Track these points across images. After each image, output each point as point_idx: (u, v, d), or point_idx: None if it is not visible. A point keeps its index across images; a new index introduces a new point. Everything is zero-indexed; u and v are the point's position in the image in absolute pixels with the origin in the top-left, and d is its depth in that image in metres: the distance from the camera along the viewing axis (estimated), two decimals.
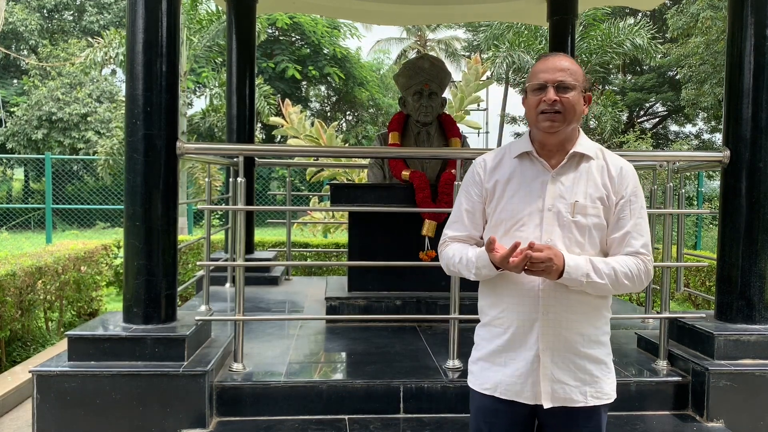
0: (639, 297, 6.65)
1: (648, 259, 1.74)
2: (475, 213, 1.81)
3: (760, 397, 2.73)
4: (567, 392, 1.70)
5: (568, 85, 1.70)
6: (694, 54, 15.45)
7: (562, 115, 1.70)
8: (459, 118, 8.72)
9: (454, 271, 1.81)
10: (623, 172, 1.75)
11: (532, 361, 1.70)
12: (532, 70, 1.76)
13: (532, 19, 6.78)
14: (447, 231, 1.87)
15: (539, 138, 1.76)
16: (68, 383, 2.57)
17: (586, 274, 1.65)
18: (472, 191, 1.82)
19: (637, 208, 1.74)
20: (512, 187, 1.75)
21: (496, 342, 1.77)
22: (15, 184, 18.87)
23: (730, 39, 3.05)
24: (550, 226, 1.70)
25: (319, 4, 6.32)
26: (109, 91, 18.30)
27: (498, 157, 1.83)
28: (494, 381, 1.76)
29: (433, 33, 29.20)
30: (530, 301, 1.71)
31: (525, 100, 1.79)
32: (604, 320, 1.78)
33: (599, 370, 1.74)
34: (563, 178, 1.73)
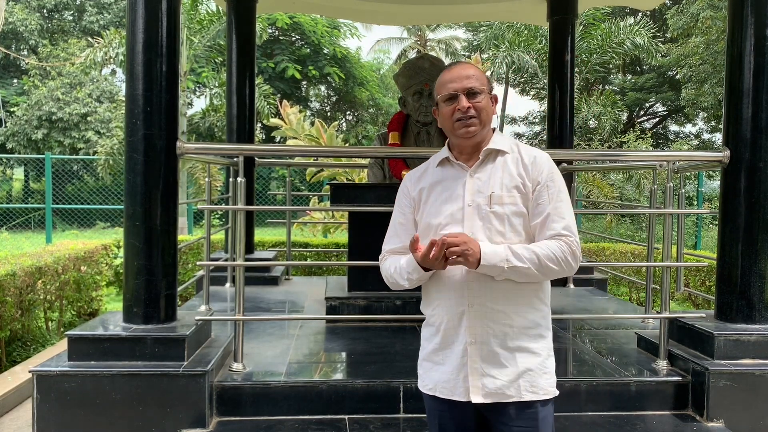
0: (639, 297, 6.66)
1: (571, 240, 1.73)
2: (408, 225, 1.86)
3: (760, 397, 2.73)
4: (498, 386, 1.70)
5: (477, 90, 1.76)
6: (694, 54, 15.45)
7: (477, 119, 1.76)
8: None
9: (393, 282, 1.83)
10: (537, 160, 1.79)
11: (461, 355, 1.72)
12: (439, 82, 1.82)
13: (531, 19, 6.79)
14: (384, 246, 1.90)
15: (457, 144, 1.82)
16: (68, 383, 2.57)
17: (506, 259, 1.66)
18: (403, 203, 1.89)
19: (555, 192, 1.76)
20: (436, 192, 1.81)
21: (433, 340, 1.80)
22: (15, 184, 18.87)
23: (730, 39, 3.05)
24: (470, 221, 1.73)
25: (319, 4, 6.33)
26: (109, 91, 18.31)
27: (422, 169, 1.90)
28: (434, 380, 1.78)
29: (433, 33, 29.20)
30: (456, 294, 1.73)
31: (437, 111, 1.84)
32: (539, 312, 1.77)
33: (533, 363, 1.72)
34: (480, 174, 1.78)
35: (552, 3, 5.42)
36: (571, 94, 5.43)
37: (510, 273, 1.67)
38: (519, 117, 25.10)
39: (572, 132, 5.50)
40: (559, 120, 5.40)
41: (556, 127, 5.40)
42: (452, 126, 1.78)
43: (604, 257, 7.20)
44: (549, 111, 5.57)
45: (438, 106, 1.83)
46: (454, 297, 1.74)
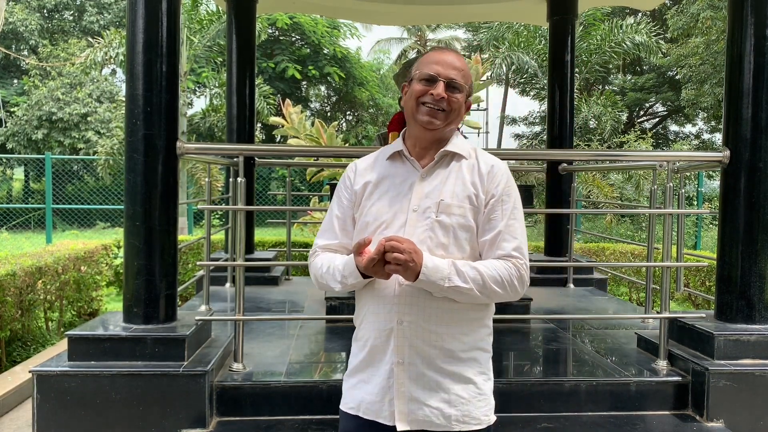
0: (639, 297, 6.66)
1: (521, 264, 1.60)
2: (346, 219, 1.69)
3: (760, 397, 2.73)
4: (426, 414, 1.55)
5: (459, 86, 1.61)
6: (694, 54, 15.45)
7: (445, 114, 1.61)
8: None
9: (323, 283, 1.66)
10: (494, 170, 1.63)
11: (388, 376, 1.57)
12: (423, 59, 1.66)
13: (532, 19, 6.80)
14: (317, 240, 1.73)
15: (414, 134, 1.66)
16: (68, 383, 2.57)
17: (447, 277, 1.50)
18: (342, 196, 1.71)
19: (509, 209, 1.61)
20: (381, 188, 1.65)
21: (359, 356, 1.65)
22: (15, 184, 18.87)
23: (730, 39, 3.05)
24: (412, 228, 1.58)
25: (319, 4, 6.33)
26: (110, 91, 18.31)
27: (370, 160, 1.73)
28: (358, 399, 1.63)
29: (433, 33, 29.20)
30: (386, 309, 1.58)
31: (407, 86, 1.67)
32: (477, 334, 1.63)
33: (467, 391, 1.58)
34: (431, 177, 1.63)
35: (552, 3, 5.42)
36: (571, 95, 5.43)
37: (449, 292, 1.52)
38: (519, 117, 25.11)
39: (572, 132, 5.50)
40: (559, 120, 5.40)
41: (556, 128, 5.41)
42: (415, 108, 1.62)
43: (604, 257, 7.20)
44: (549, 111, 5.57)
45: (410, 81, 1.65)
46: (384, 312, 1.58)
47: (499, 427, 2.65)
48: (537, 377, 2.90)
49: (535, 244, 7.81)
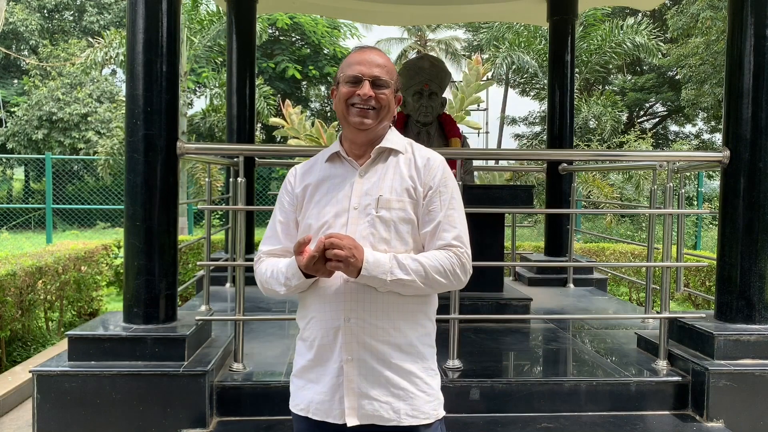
0: (639, 297, 6.66)
1: (461, 252, 1.60)
2: (289, 224, 1.70)
3: (760, 397, 2.73)
4: (376, 408, 1.56)
5: (384, 83, 1.62)
6: (694, 54, 15.45)
7: (376, 112, 1.62)
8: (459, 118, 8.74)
9: (268, 288, 1.66)
10: (430, 163, 1.66)
11: (337, 374, 1.57)
12: (345, 62, 1.67)
13: (532, 19, 6.80)
14: (261, 247, 1.73)
15: (350, 136, 1.67)
16: (68, 383, 2.57)
17: (389, 271, 1.51)
18: (284, 201, 1.72)
19: (447, 199, 1.63)
20: (322, 190, 1.66)
21: (306, 356, 1.64)
22: (15, 184, 18.87)
23: (729, 39, 3.05)
24: (354, 226, 1.59)
25: (319, 4, 6.33)
26: (110, 91, 18.31)
27: (310, 163, 1.74)
28: (307, 400, 1.63)
29: (434, 33, 29.20)
30: (332, 307, 1.58)
31: (334, 91, 1.68)
32: (423, 329, 1.64)
33: (414, 385, 1.59)
34: (369, 174, 1.64)
35: (552, 3, 5.42)
36: (571, 95, 5.43)
37: (393, 285, 1.53)
38: (519, 117, 25.13)
39: (572, 132, 5.50)
40: (559, 120, 5.40)
41: (556, 128, 5.41)
42: (346, 110, 1.63)
43: (604, 257, 7.21)
44: (549, 111, 5.57)
45: (338, 86, 1.66)
46: (330, 310, 1.58)
47: (499, 426, 2.66)
48: (537, 377, 2.90)
49: (535, 244, 7.81)
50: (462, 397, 2.75)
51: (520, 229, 8.59)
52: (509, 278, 5.32)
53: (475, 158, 6.26)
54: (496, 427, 2.65)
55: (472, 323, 3.70)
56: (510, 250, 5.44)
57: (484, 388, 2.77)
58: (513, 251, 5.48)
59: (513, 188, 4.18)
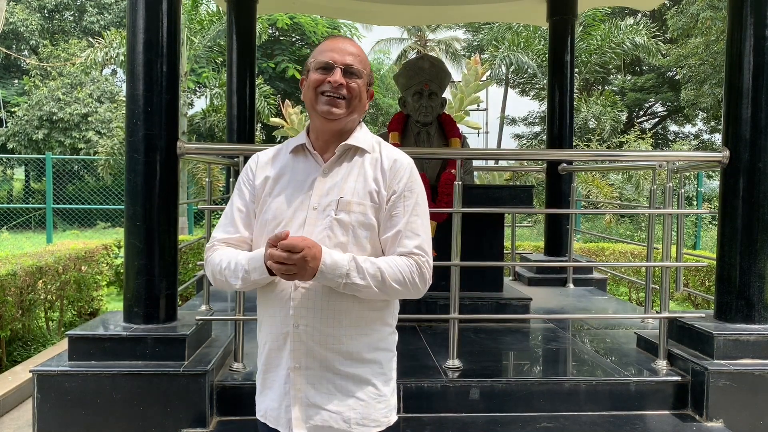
0: (639, 297, 6.66)
1: (423, 261, 1.54)
2: (249, 213, 1.61)
3: (760, 397, 2.74)
4: (325, 419, 1.50)
5: (356, 72, 1.56)
6: (694, 54, 15.46)
7: (346, 102, 1.54)
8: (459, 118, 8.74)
9: (220, 279, 1.56)
10: (396, 165, 1.58)
11: (284, 381, 1.52)
12: (318, 49, 1.60)
13: (531, 19, 6.80)
14: (216, 233, 1.63)
15: (317, 126, 1.59)
16: (69, 383, 2.57)
17: (346, 273, 1.45)
18: (244, 189, 1.63)
19: (411, 205, 1.56)
20: (281, 184, 1.58)
21: (261, 361, 1.60)
22: (16, 184, 18.88)
23: (729, 39, 3.05)
24: (312, 226, 1.52)
25: (319, 4, 6.34)
26: (110, 92, 18.30)
27: (273, 153, 1.66)
28: (264, 407, 1.60)
29: (433, 33, 29.20)
30: (282, 312, 1.52)
31: (304, 79, 1.60)
32: (378, 334, 1.58)
33: (366, 393, 1.54)
34: (333, 173, 1.57)
35: (552, 3, 5.43)
36: (570, 95, 5.44)
37: (347, 289, 1.47)
38: (519, 117, 25.13)
39: (572, 132, 5.51)
40: (558, 120, 5.40)
41: (556, 128, 5.41)
42: (315, 98, 1.55)
43: (604, 257, 7.21)
44: (549, 111, 5.58)
45: (307, 74, 1.59)
46: (280, 315, 1.52)
47: (499, 426, 2.67)
48: (537, 377, 2.90)
49: (535, 244, 7.81)
50: (462, 396, 2.75)
51: (520, 229, 8.59)
52: (509, 278, 5.32)
53: (475, 158, 6.26)
54: (495, 426, 2.65)
55: (472, 323, 3.70)
56: (510, 250, 5.44)
57: (484, 387, 2.77)
58: (513, 251, 5.48)
59: (513, 188, 4.18)
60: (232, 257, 1.54)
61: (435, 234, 3.86)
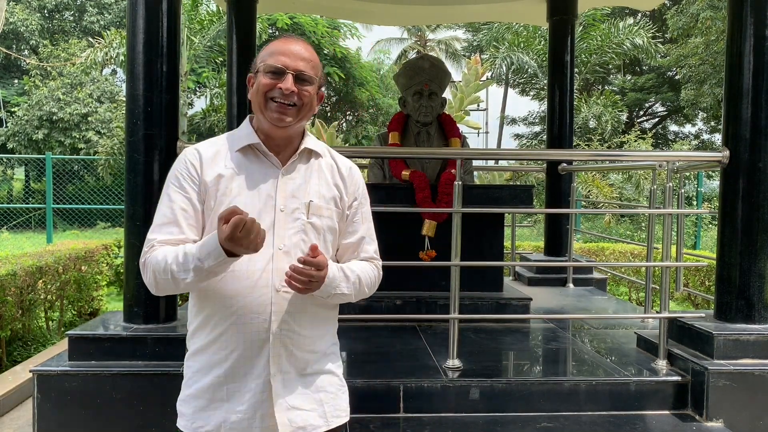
0: (639, 297, 6.66)
1: (379, 265, 1.66)
2: (195, 212, 1.50)
3: (760, 397, 2.74)
4: (305, 419, 1.51)
5: (308, 78, 1.51)
6: (694, 54, 15.46)
7: (297, 110, 1.50)
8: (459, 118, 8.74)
9: (164, 279, 1.43)
10: (353, 172, 1.63)
11: (262, 390, 1.47)
12: (267, 49, 1.53)
13: (531, 19, 6.80)
14: (153, 236, 1.49)
15: (265, 129, 1.54)
16: (69, 383, 2.57)
17: (338, 285, 1.49)
18: (187, 186, 1.51)
19: (367, 212, 1.65)
20: (238, 183, 1.50)
21: (214, 372, 1.49)
22: (16, 184, 18.87)
23: (729, 39, 3.05)
24: (282, 229, 1.49)
25: (319, 4, 6.34)
26: (110, 91, 18.29)
27: (214, 149, 1.57)
28: (216, 421, 1.48)
29: (433, 33, 29.21)
30: (258, 318, 1.46)
31: (252, 78, 1.55)
32: (333, 329, 1.65)
33: (333, 385, 1.59)
34: (294, 175, 1.54)
35: (552, 3, 5.43)
36: (570, 95, 5.44)
37: (333, 299, 1.52)
38: (519, 117, 25.15)
39: (572, 132, 5.51)
40: (558, 120, 5.41)
41: (556, 128, 5.41)
42: (264, 104, 1.50)
43: (604, 257, 7.21)
44: (549, 111, 5.58)
45: (255, 74, 1.54)
46: (256, 321, 1.46)
47: (499, 426, 2.67)
48: (537, 377, 2.90)
49: (535, 244, 7.81)
50: (462, 396, 2.75)
51: (520, 229, 8.59)
52: (509, 278, 5.32)
53: (475, 158, 6.27)
54: (495, 426, 2.65)
55: (472, 323, 3.70)
56: (510, 249, 5.44)
57: (484, 387, 2.77)
58: (513, 251, 5.48)
59: (513, 188, 4.18)
60: (177, 251, 1.42)
61: (435, 234, 3.86)
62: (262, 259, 1.46)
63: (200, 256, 1.36)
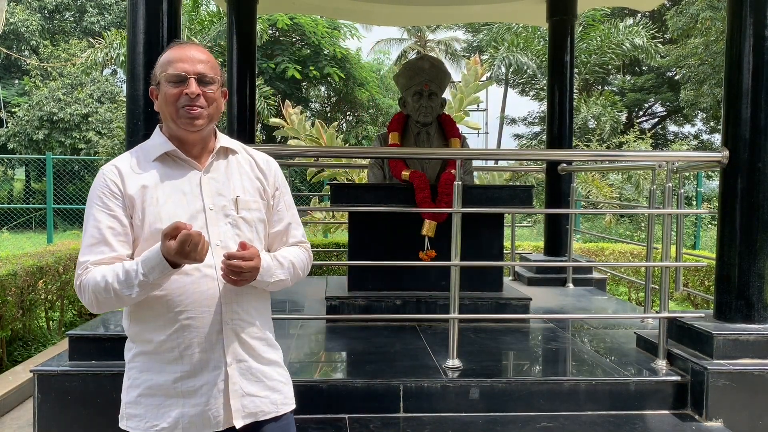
0: (638, 297, 6.67)
1: (308, 247, 1.75)
2: (123, 230, 1.52)
3: (759, 397, 2.74)
4: (257, 405, 1.58)
5: (210, 79, 1.56)
6: (694, 54, 15.47)
7: (206, 111, 1.56)
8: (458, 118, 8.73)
9: (106, 297, 1.45)
10: (270, 163, 1.71)
11: (220, 379, 1.53)
12: (165, 58, 1.57)
13: (531, 19, 6.81)
14: (86, 257, 1.50)
15: (179, 135, 1.58)
16: (69, 382, 2.58)
17: (274, 273, 1.58)
18: (111, 204, 1.53)
19: (289, 199, 1.74)
20: (163, 191, 1.54)
21: (169, 370, 1.51)
22: (16, 185, 18.88)
23: (729, 39, 3.05)
24: (216, 227, 1.55)
25: (319, 4, 6.35)
26: (110, 92, 18.30)
27: (131, 162, 1.59)
28: (173, 418, 1.50)
29: (433, 34, 29.21)
30: (209, 312, 1.52)
31: (155, 89, 1.59)
32: (270, 318, 1.73)
33: (280, 374, 1.67)
34: (215, 174, 1.60)
35: (551, 4, 5.43)
36: (570, 95, 5.44)
37: (272, 286, 1.61)
38: (518, 117, 25.16)
39: (572, 132, 5.51)
40: (558, 120, 5.41)
41: (556, 128, 5.42)
42: (176, 112, 1.54)
43: (603, 257, 7.21)
44: (548, 111, 5.58)
45: (158, 86, 1.58)
46: (207, 315, 1.51)
47: (499, 426, 2.67)
48: (536, 377, 2.91)
49: (535, 244, 7.82)
50: (461, 396, 2.76)
51: (520, 229, 8.60)
52: (509, 278, 5.33)
53: (475, 158, 6.27)
54: (495, 426, 2.66)
55: (472, 323, 3.70)
56: (509, 249, 5.45)
57: (484, 387, 2.77)
58: (512, 251, 5.48)
59: (512, 188, 4.18)
60: (116, 269, 1.46)
61: (435, 234, 3.87)
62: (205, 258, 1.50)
63: (144, 271, 1.42)
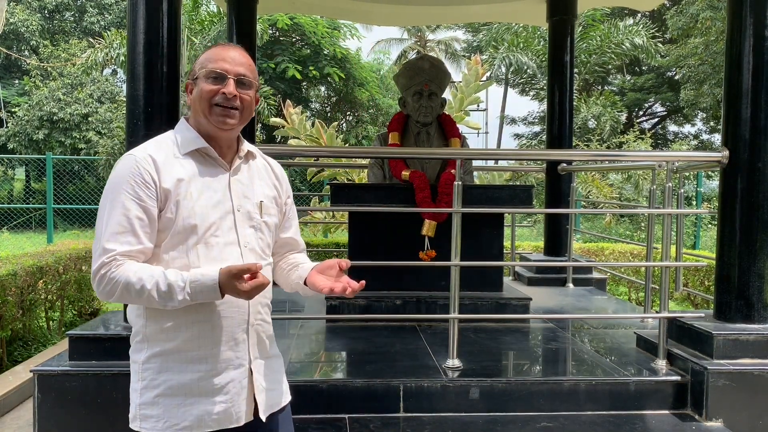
0: (638, 297, 6.67)
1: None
2: (150, 221, 1.49)
3: (759, 397, 2.74)
4: (272, 397, 1.66)
5: (248, 83, 1.58)
6: (694, 54, 15.47)
7: (239, 113, 1.57)
8: (459, 118, 8.73)
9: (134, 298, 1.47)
10: (283, 172, 1.77)
11: (243, 377, 1.58)
12: (207, 56, 1.59)
13: (531, 19, 6.81)
14: (112, 246, 1.47)
15: (209, 131, 1.58)
16: (69, 383, 2.58)
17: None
18: (142, 194, 1.48)
19: (294, 209, 1.81)
20: (196, 187, 1.53)
21: (192, 369, 1.52)
22: (16, 184, 18.88)
23: (729, 39, 3.06)
24: (242, 229, 1.57)
25: (319, 4, 6.35)
26: (110, 92, 18.30)
27: (164, 153, 1.55)
28: (195, 416, 1.51)
29: (433, 34, 29.21)
30: (238, 311, 1.57)
31: (191, 84, 1.60)
32: None
33: (281, 366, 1.77)
34: (241, 176, 1.62)
35: (551, 4, 5.43)
36: (570, 95, 5.44)
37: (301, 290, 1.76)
38: (518, 117, 25.16)
39: (572, 132, 5.51)
40: (558, 120, 5.41)
41: (556, 128, 5.42)
42: (208, 109, 1.55)
43: (603, 257, 7.21)
44: (548, 111, 5.58)
45: (196, 80, 1.58)
46: (239, 313, 1.57)
47: (499, 426, 2.67)
48: (536, 377, 2.91)
49: (535, 244, 7.82)
50: (461, 396, 2.76)
51: (520, 229, 8.60)
52: (509, 278, 5.33)
53: (475, 158, 6.27)
54: (495, 426, 2.66)
55: (472, 323, 3.71)
56: (509, 249, 5.45)
57: (484, 387, 2.78)
58: (512, 251, 5.49)
59: (512, 188, 4.18)
60: (156, 276, 1.44)
61: (435, 234, 3.87)
62: (233, 258, 1.55)
63: (191, 292, 1.43)
